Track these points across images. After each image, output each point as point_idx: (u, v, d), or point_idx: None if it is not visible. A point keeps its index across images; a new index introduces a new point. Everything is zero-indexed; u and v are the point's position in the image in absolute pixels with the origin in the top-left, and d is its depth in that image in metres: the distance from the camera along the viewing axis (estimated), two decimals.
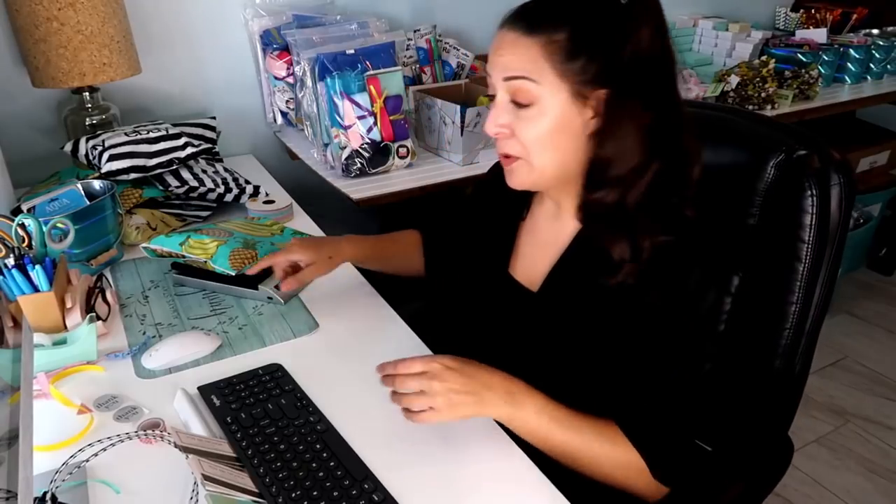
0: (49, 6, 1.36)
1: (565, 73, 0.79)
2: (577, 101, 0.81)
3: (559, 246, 0.92)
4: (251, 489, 0.75)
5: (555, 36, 0.78)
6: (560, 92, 0.80)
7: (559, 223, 0.93)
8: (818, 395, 2.17)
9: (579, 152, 0.85)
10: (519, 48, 0.80)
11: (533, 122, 0.82)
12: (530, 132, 0.83)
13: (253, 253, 1.15)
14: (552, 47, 0.78)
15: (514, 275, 0.98)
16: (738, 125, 1.04)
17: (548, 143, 0.83)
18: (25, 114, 1.61)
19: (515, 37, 0.81)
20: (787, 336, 0.95)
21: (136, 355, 1.01)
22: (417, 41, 1.88)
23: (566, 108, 0.81)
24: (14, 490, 0.58)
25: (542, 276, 0.93)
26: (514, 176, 0.88)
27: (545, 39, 0.79)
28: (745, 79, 2.03)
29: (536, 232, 0.97)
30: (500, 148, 0.87)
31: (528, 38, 0.79)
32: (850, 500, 1.80)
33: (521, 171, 0.87)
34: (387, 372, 0.81)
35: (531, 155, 0.84)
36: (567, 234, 0.91)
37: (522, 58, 0.80)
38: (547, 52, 0.79)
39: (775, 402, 1.00)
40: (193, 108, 1.80)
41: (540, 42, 0.79)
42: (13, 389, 0.70)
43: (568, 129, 0.82)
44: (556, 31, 0.78)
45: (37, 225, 1.03)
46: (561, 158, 0.84)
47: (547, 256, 0.93)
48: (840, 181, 0.91)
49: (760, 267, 0.96)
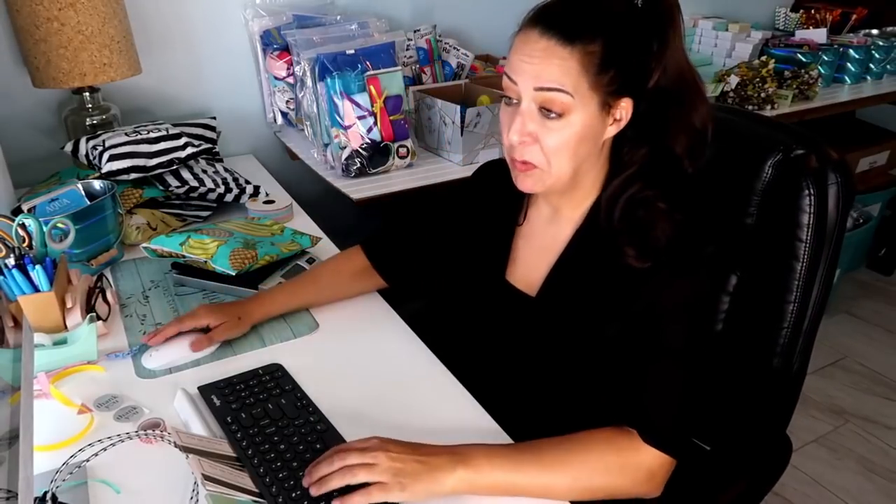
0: (49, 6, 1.36)
1: (597, 85, 0.79)
2: (604, 111, 0.81)
3: (556, 249, 0.92)
4: (251, 489, 0.75)
5: (590, 47, 0.77)
6: (590, 103, 0.80)
7: (556, 227, 0.93)
8: (818, 394, 2.17)
9: (593, 158, 0.86)
10: (555, 58, 0.78)
11: (559, 132, 0.81)
12: (555, 141, 0.82)
13: (253, 253, 1.15)
14: (588, 59, 0.77)
15: (511, 280, 0.97)
16: (736, 125, 1.05)
17: (571, 151, 0.82)
18: (26, 114, 1.61)
19: (550, 45, 0.78)
20: (785, 335, 0.96)
21: (137, 355, 1.01)
22: (417, 41, 1.88)
23: (593, 118, 0.81)
24: (14, 490, 0.58)
25: (540, 281, 0.92)
26: (529, 181, 0.86)
27: (582, 51, 0.77)
28: (745, 79, 2.04)
29: (533, 236, 0.97)
30: (521, 155, 0.84)
31: (565, 48, 0.77)
32: (849, 499, 1.80)
33: (538, 177, 0.85)
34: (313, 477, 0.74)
35: (551, 163, 0.83)
36: (564, 237, 0.91)
37: (559, 69, 0.78)
38: (583, 65, 0.78)
39: (774, 400, 1.00)
40: (193, 108, 1.80)
41: (578, 53, 0.77)
42: (13, 389, 0.70)
43: (591, 137, 0.82)
44: (592, 43, 0.77)
45: (37, 225, 1.03)
46: (578, 165, 0.84)
47: (544, 261, 0.93)
48: (838, 180, 0.91)
49: (758, 266, 0.96)
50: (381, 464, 0.73)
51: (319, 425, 0.85)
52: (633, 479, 0.80)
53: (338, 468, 0.73)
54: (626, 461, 0.80)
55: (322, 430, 0.84)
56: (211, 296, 1.18)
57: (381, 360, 1.02)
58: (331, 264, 1.17)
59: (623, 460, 0.80)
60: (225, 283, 1.17)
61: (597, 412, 0.84)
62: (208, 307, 1.04)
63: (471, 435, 0.82)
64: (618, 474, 0.80)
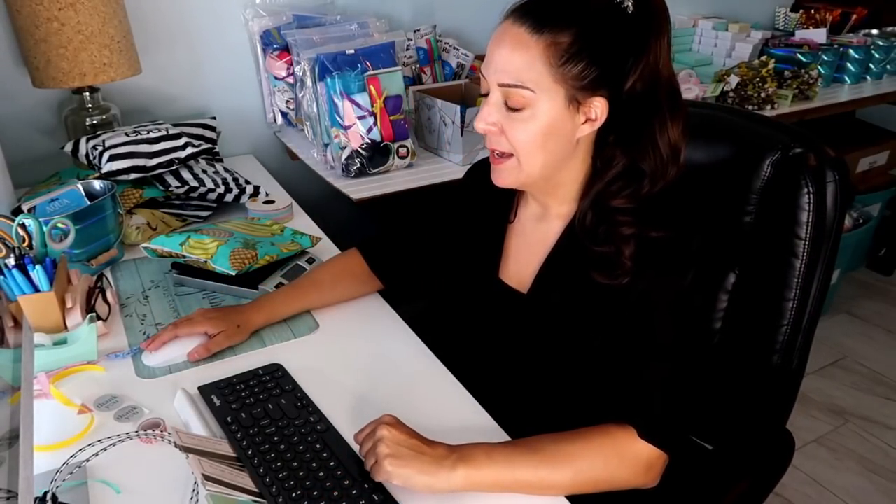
0: (50, 6, 1.36)
1: (563, 77, 0.78)
2: (572, 106, 0.80)
3: (547, 246, 0.92)
4: (251, 489, 0.75)
5: (559, 37, 0.77)
6: (556, 97, 0.79)
7: (545, 223, 0.93)
8: (818, 394, 2.17)
9: (567, 156, 0.85)
10: (519, 49, 0.79)
11: (524, 123, 0.81)
12: (520, 134, 0.82)
13: (253, 253, 1.15)
14: (553, 49, 0.77)
15: (503, 278, 0.97)
16: (735, 124, 1.05)
17: (537, 145, 0.82)
18: (26, 114, 1.61)
19: (520, 33, 0.79)
20: (784, 332, 0.96)
21: (137, 355, 1.01)
22: (417, 41, 1.88)
23: (559, 112, 0.80)
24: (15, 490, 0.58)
25: (531, 278, 0.93)
26: (502, 175, 0.87)
27: (549, 40, 0.77)
28: (745, 79, 2.04)
29: (524, 234, 0.97)
30: (490, 143, 0.86)
31: (532, 37, 0.78)
32: (850, 499, 1.80)
33: (511, 170, 0.86)
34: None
35: (520, 156, 0.84)
36: (554, 233, 0.91)
37: (521, 60, 0.79)
38: (547, 55, 0.78)
39: (773, 397, 1.01)
40: (193, 108, 1.80)
41: (543, 43, 0.77)
42: (14, 389, 0.70)
43: (558, 132, 0.82)
44: (562, 33, 0.77)
45: (37, 225, 1.03)
46: (549, 161, 0.84)
47: (535, 257, 0.93)
48: (835, 178, 0.92)
49: (758, 264, 0.96)
50: (379, 437, 0.75)
51: (319, 425, 0.85)
52: (632, 471, 0.81)
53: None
54: (625, 453, 0.81)
55: (322, 430, 0.84)
56: (211, 296, 1.18)
57: (381, 360, 1.02)
58: (330, 267, 1.16)
59: (622, 453, 0.81)
60: (225, 283, 1.17)
61: (591, 407, 0.85)
62: (206, 313, 1.03)
63: (471, 434, 0.82)
64: (617, 467, 0.80)
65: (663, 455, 0.82)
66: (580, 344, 0.88)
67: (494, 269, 0.98)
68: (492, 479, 0.76)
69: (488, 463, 0.76)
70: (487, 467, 0.76)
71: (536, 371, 0.94)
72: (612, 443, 0.81)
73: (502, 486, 0.77)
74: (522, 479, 0.77)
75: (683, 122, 0.83)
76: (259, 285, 1.16)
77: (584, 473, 0.79)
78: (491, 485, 0.77)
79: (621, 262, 0.82)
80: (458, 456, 0.76)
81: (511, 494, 0.77)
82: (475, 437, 0.80)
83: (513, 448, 0.80)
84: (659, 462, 0.82)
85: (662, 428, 0.81)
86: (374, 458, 0.74)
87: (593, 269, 0.84)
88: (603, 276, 0.83)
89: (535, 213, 0.95)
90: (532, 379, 0.95)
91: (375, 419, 0.78)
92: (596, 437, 0.81)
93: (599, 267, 0.84)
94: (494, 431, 0.87)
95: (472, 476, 0.75)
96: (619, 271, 0.82)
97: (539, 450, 0.79)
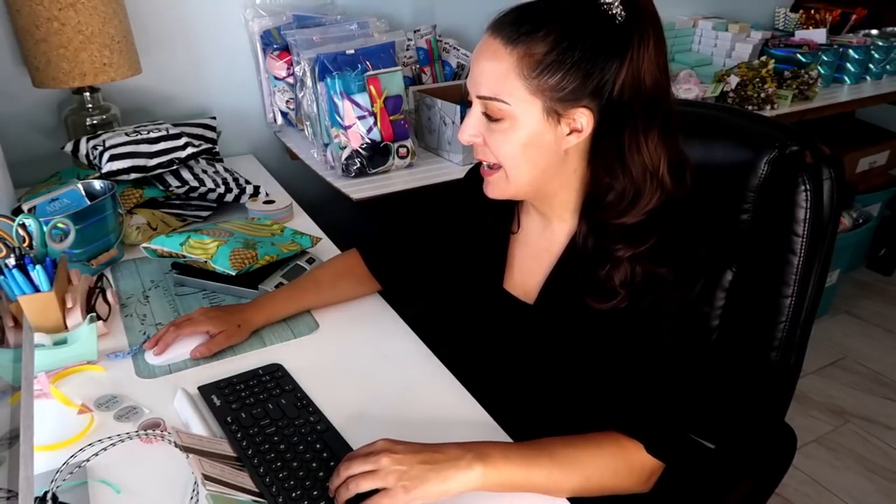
0: (50, 7, 1.36)
1: (539, 88, 0.77)
2: (551, 118, 0.79)
3: (552, 255, 0.91)
4: (251, 489, 0.75)
5: (534, 49, 0.76)
6: (532, 108, 0.79)
7: (549, 232, 0.92)
8: (818, 394, 2.17)
9: (556, 167, 0.84)
10: (494, 62, 0.78)
11: (504, 135, 0.81)
12: (502, 146, 0.82)
13: (253, 253, 1.15)
14: (528, 61, 0.76)
15: (508, 289, 0.97)
16: (732, 123, 1.05)
17: (520, 156, 0.82)
18: (26, 114, 1.61)
19: (495, 46, 0.78)
20: (782, 329, 0.96)
21: (137, 355, 1.01)
22: (417, 41, 1.88)
23: (538, 124, 0.79)
24: (15, 490, 0.58)
25: (537, 287, 0.92)
26: (492, 187, 0.88)
27: (522, 52, 0.76)
28: (745, 79, 2.04)
29: (528, 244, 0.96)
30: (477, 155, 0.87)
31: (506, 48, 0.77)
32: (850, 499, 1.80)
33: (499, 183, 0.86)
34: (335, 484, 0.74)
35: (506, 167, 0.84)
36: (559, 242, 0.91)
37: (495, 74, 0.78)
38: (520, 68, 0.77)
39: (771, 394, 1.01)
40: (193, 108, 1.80)
41: (517, 55, 0.77)
42: (14, 389, 0.70)
43: (540, 144, 0.81)
44: (537, 45, 0.76)
45: (37, 225, 1.03)
46: (535, 172, 0.83)
47: (540, 267, 0.92)
48: (831, 175, 0.93)
49: (755, 262, 0.96)
50: (384, 468, 0.71)
51: (319, 425, 0.85)
52: (636, 480, 0.82)
53: (343, 479, 0.72)
54: (633, 464, 0.81)
55: (322, 430, 0.85)
56: (211, 296, 1.18)
57: (381, 361, 1.02)
58: (330, 268, 1.16)
59: (630, 462, 0.81)
60: (225, 283, 1.17)
61: (595, 415, 0.84)
62: (207, 312, 1.03)
63: (471, 434, 0.82)
64: (625, 476, 0.81)
65: (663, 464, 0.83)
66: (586, 354, 0.88)
67: (499, 280, 0.98)
68: (507, 479, 0.76)
69: (505, 463, 0.76)
70: (504, 467, 0.75)
71: (541, 380, 0.94)
72: (623, 453, 0.81)
73: (514, 486, 0.76)
74: (535, 481, 0.77)
75: (669, 134, 0.80)
76: (259, 285, 1.16)
77: (593, 479, 0.79)
78: (503, 485, 0.76)
79: (614, 290, 0.81)
80: (475, 455, 0.75)
81: (511, 494, 0.77)
82: (475, 436, 0.80)
83: (527, 449, 0.79)
84: (659, 471, 0.83)
85: (669, 442, 0.82)
86: (387, 497, 0.70)
87: (587, 294, 0.83)
88: (597, 302, 0.83)
89: (538, 223, 0.94)
90: (536, 387, 0.95)
91: (367, 449, 0.74)
92: (607, 446, 0.81)
93: (593, 293, 0.83)
94: (495, 431, 0.87)
95: (490, 476, 0.74)
96: (614, 300, 0.82)
97: (552, 453, 0.79)
